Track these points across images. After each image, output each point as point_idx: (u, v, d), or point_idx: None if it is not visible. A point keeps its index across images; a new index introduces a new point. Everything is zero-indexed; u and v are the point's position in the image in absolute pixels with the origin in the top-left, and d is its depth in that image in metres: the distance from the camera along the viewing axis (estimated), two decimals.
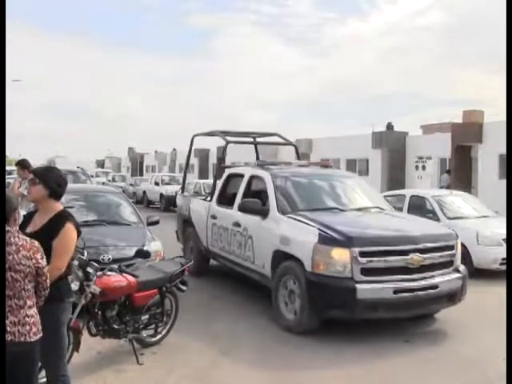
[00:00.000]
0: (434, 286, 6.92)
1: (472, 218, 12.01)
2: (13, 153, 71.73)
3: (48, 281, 3.66)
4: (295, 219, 7.55)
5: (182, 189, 12.82)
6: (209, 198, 10.49)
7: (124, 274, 5.77)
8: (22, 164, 8.92)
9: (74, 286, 4.91)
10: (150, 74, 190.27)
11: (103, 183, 31.73)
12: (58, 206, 4.30)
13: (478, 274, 10.38)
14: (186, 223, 11.08)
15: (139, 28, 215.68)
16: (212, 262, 10.55)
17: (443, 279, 7.04)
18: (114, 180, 40.94)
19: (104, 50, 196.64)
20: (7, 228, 3.54)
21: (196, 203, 10.97)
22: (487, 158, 24.23)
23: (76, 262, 4.95)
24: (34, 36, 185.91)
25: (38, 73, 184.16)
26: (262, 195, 8.54)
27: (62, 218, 4.17)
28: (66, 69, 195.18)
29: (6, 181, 14.22)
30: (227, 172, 10.28)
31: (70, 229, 4.11)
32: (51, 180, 4.29)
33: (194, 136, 11.78)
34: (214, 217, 9.64)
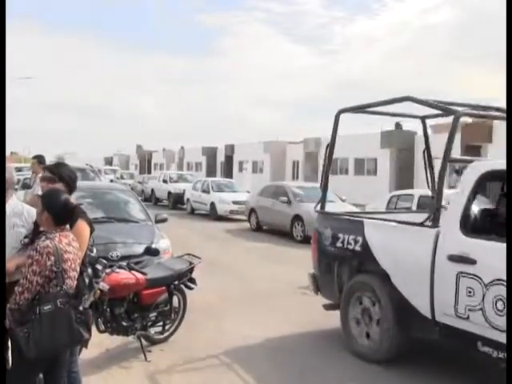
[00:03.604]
0: None
1: None
2: (24, 149, 72.01)
3: None
4: None
5: (322, 202, 7.43)
6: (428, 222, 5.81)
7: (133, 272, 5.79)
8: (39, 159, 9.07)
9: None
10: (159, 72, 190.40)
11: (111, 181, 31.82)
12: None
13: None
14: (348, 265, 6.57)
15: (148, 27, 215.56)
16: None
17: None
18: (122, 177, 41.11)
19: (113, 48, 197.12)
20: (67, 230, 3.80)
21: (387, 230, 6.14)
22: (497, 158, 24.16)
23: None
24: (46, 34, 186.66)
25: (49, 70, 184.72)
26: None
27: (75, 214, 4.19)
28: (75, 67, 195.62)
29: (16, 177, 14.29)
30: (480, 170, 5.36)
31: (82, 225, 4.13)
32: (67, 177, 4.35)
33: (341, 112, 7.08)
34: (463, 259, 5.02)
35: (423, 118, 7.79)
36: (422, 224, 5.89)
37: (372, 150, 31.60)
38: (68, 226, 3.80)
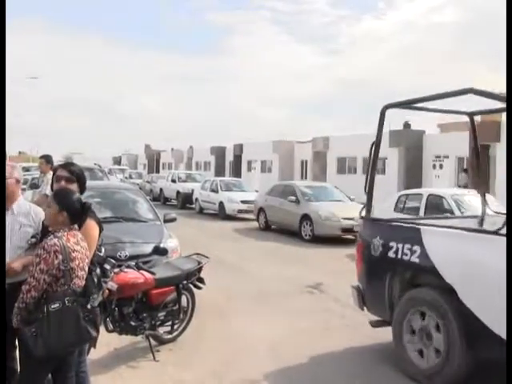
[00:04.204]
0: None
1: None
2: (32, 149, 72.45)
3: None
4: None
5: (368, 208, 6.76)
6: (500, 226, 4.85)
7: (141, 271, 5.80)
8: (47, 159, 9.16)
9: None
10: (167, 72, 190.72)
11: (121, 180, 31.92)
12: None
13: None
14: (403, 278, 5.88)
15: (155, 25, 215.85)
16: None
17: None
18: (130, 177, 41.19)
19: (120, 47, 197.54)
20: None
21: (453, 239, 5.32)
22: (505, 156, 24.08)
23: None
24: (51, 33, 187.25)
25: (56, 70, 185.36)
26: None
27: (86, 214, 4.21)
28: (83, 66, 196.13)
29: (24, 177, 14.38)
30: None
31: (91, 224, 4.14)
32: (81, 177, 4.38)
33: (387, 108, 6.32)
34: None
35: (471, 115, 7.30)
36: (496, 232, 4.89)
37: (380, 149, 31.51)
38: (76, 226, 3.80)
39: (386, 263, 5.91)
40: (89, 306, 3.66)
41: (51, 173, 8.77)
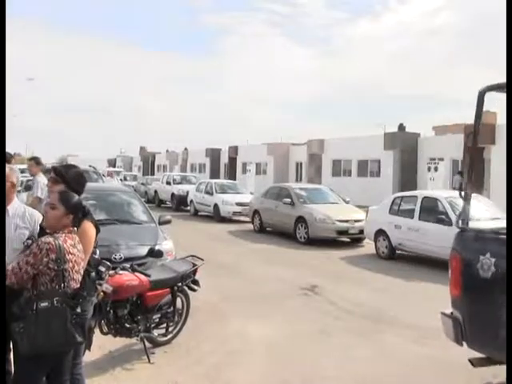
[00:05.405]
0: None
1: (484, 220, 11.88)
2: (27, 151, 72.27)
3: None
4: None
5: (465, 217, 5.25)
6: None
7: (136, 273, 5.79)
8: (36, 161, 9.16)
9: None
10: (162, 73, 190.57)
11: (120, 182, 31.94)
12: None
13: None
14: None
15: (152, 26, 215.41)
16: None
17: None
18: (125, 179, 41.11)
19: (116, 48, 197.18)
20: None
21: None
22: (500, 159, 24.15)
23: None
24: (48, 34, 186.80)
25: (51, 71, 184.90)
26: None
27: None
28: (78, 67, 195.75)
29: (20, 179, 14.38)
30: None
31: (88, 226, 4.14)
32: (72, 179, 4.36)
33: (487, 90, 5.18)
34: None
35: None
36: None
37: (375, 151, 31.61)
38: (75, 229, 3.80)
39: (502, 288, 4.42)
40: (78, 310, 3.63)
41: (41, 174, 8.82)
